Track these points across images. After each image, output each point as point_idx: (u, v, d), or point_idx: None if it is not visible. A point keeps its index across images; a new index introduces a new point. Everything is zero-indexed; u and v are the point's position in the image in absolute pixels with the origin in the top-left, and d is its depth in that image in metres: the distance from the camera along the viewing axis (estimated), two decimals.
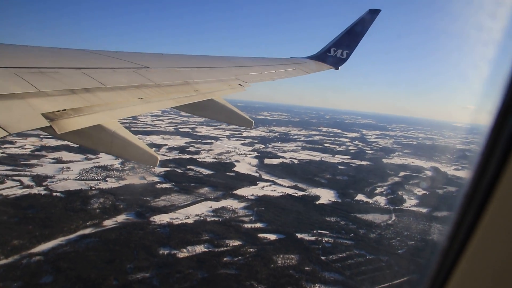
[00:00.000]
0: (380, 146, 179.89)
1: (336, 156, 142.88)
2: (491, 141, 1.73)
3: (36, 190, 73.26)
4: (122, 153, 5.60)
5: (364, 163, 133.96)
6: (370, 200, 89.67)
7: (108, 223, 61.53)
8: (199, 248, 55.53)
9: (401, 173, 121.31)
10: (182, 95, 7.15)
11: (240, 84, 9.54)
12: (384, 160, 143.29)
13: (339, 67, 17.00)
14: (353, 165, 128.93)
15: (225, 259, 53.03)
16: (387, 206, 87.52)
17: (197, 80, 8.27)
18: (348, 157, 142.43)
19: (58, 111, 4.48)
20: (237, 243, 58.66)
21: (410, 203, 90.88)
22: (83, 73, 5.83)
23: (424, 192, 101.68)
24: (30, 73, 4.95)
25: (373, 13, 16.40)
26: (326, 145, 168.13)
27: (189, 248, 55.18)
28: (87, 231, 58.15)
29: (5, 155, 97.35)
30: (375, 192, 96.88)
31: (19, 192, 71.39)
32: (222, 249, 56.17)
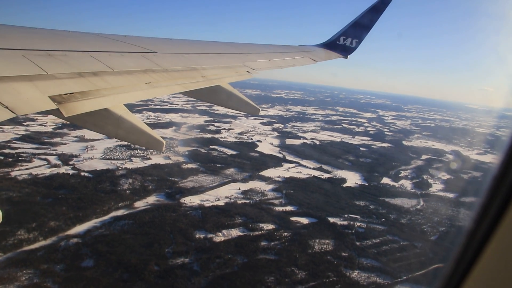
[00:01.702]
0: (398, 128, 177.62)
1: (356, 137, 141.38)
2: None
3: (63, 169, 72.95)
4: (128, 137, 5.65)
5: (385, 145, 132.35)
6: (396, 184, 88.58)
7: (139, 204, 61.14)
8: (234, 232, 54.97)
9: (423, 156, 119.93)
10: (189, 80, 7.08)
11: (247, 71, 9.39)
12: (405, 143, 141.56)
13: (348, 56, 16.62)
14: (374, 147, 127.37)
15: (262, 243, 52.48)
16: (413, 190, 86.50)
17: (204, 66, 8.16)
18: (368, 138, 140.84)
19: (65, 94, 4.46)
20: (271, 226, 58.04)
21: (436, 187, 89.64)
22: (91, 56, 5.75)
23: (449, 176, 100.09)
24: (38, 56, 4.87)
25: (385, 2, 15.60)
26: (344, 125, 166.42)
27: (225, 231, 54.66)
28: (120, 212, 57.81)
29: (29, 132, 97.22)
30: (400, 176, 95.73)
31: (47, 171, 71.13)
32: (257, 233, 55.62)
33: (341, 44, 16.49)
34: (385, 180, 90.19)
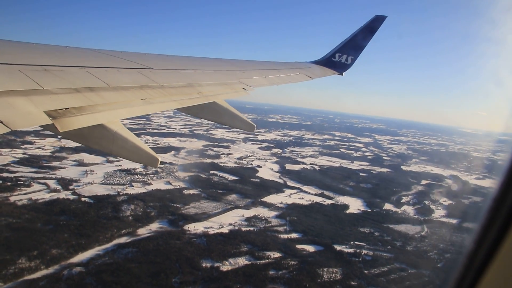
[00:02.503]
0: (395, 152, 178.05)
1: (355, 162, 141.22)
2: None
3: (63, 194, 71.63)
4: (123, 153, 5.57)
5: (384, 170, 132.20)
6: (398, 210, 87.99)
7: (143, 231, 59.83)
8: (241, 261, 53.75)
9: (423, 181, 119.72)
10: (185, 97, 7.11)
11: (243, 88, 9.41)
12: (403, 167, 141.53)
13: (344, 73, 16.85)
14: (374, 172, 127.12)
15: (270, 272, 51.28)
16: (416, 216, 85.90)
17: (200, 82, 8.20)
18: (367, 163, 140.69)
19: (61, 109, 4.44)
20: (277, 255, 56.93)
21: (438, 213, 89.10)
22: (87, 71, 5.78)
23: (450, 202, 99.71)
24: (34, 70, 4.88)
25: (379, 20, 16.20)
26: (342, 150, 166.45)
27: (231, 260, 53.43)
28: (123, 240, 56.46)
29: (27, 156, 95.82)
30: (401, 201, 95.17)
31: (47, 196, 69.80)
32: (264, 261, 54.44)
33: (337, 61, 16.73)
34: (388, 206, 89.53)
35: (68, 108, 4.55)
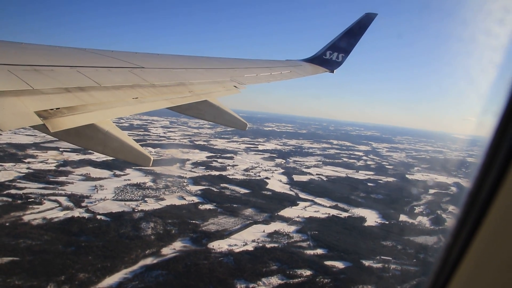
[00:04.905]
0: (396, 161, 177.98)
1: (360, 171, 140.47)
2: (492, 149, 1.81)
3: (77, 212, 69.27)
4: (115, 153, 5.53)
5: (390, 179, 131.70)
6: (414, 221, 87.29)
7: (167, 251, 57.85)
8: (274, 280, 52.13)
9: (431, 191, 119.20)
10: (176, 95, 7.04)
11: (235, 86, 9.36)
12: (408, 176, 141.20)
13: (335, 71, 16.86)
14: (381, 182, 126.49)
15: None
16: (432, 227, 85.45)
17: (192, 81, 8.16)
18: (372, 173, 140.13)
19: (52, 109, 4.39)
20: (308, 272, 55.47)
21: (451, 222, 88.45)
22: (78, 71, 5.70)
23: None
24: (24, 71, 4.83)
25: (370, 17, 16.34)
26: (344, 159, 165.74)
27: (264, 280, 51.80)
28: (149, 261, 54.44)
29: (32, 170, 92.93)
30: (415, 212, 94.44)
31: (61, 214, 67.40)
32: (297, 280, 53.00)
33: (328, 59, 16.72)
34: (403, 217, 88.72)
35: (59, 108, 4.49)
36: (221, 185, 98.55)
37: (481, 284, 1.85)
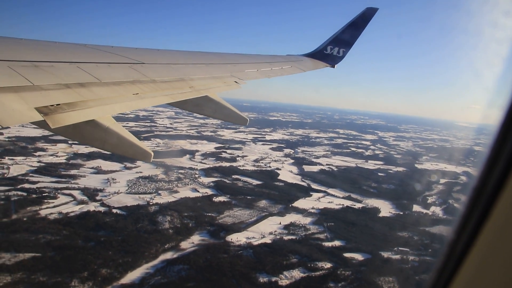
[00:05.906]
0: (404, 150, 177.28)
1: (369, 161, 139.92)
2: (497, 144, 1.77)
3: (92, 206, 69.02)
4: (115, 148, 5.50)
5: (400, 169, 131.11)
6: (428, 212, 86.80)
7: (186, 245, 57.60)
8: (296, 273, 51.89)
9: (441, 180, 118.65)
10: (177, 91, 7.01)
11: (235, 81, 9.29)
12: (417, 166, 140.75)
13: (336, 65, 16.74)
14: (391, 171, 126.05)
15: (330, 285, 49.53)
16: (445, 216, 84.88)
17: (192, 76, 8.12)
18: (381, 162, 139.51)
19: (52, 105, 4.38)
20: (329, 265, 55.23)
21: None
22: (78, 67, 5.66)
23: None
24: (24, 67, 4.77)
25: (371, 11, 16.22)
26: (352, 149, 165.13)
27: (286, 273, 51.55)
28: (169, 255, 54.20)
29: (43, 164, 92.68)
30: (428, 202, 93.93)
31: (76, 208, 67.18)
32: (319, 273, 52.77)
33: (329, 54, 16.63)
34: (416, 208, 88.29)
35: (59, 104, 4.48)
36: (233, 176, 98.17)
37: (486, 282, 1.79)
